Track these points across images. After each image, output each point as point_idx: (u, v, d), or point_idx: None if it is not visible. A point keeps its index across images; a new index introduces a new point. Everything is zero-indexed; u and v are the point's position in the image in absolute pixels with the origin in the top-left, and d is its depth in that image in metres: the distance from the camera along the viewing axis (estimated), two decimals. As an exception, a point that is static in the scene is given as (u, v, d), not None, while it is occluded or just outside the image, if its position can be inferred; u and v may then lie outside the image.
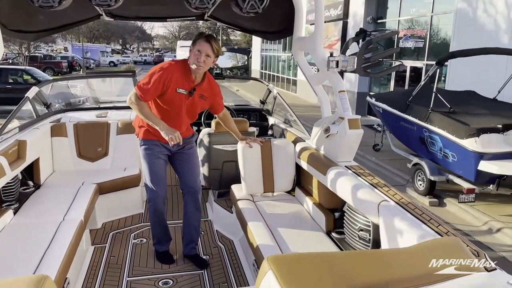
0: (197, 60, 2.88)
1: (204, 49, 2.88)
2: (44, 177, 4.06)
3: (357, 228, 2.79)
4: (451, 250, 1.61)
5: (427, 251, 1.59)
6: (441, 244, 1.71)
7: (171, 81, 2.92)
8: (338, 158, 3.24)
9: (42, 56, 32.83)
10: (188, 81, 3.01)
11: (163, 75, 2.90)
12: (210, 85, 3.18)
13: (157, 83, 2.89)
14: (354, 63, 3.06)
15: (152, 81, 2.89)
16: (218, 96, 3.31)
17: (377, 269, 1.44)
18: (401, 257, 1.56)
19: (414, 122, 7.21)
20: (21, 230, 3.03)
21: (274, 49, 25.87)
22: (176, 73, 2.95)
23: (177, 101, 3.02)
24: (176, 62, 3.05)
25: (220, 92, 3.33)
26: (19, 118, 4.32)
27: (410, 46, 12.91)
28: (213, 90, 3.22)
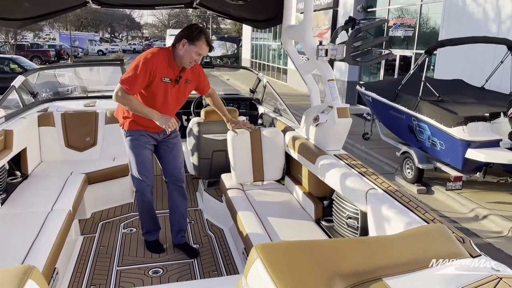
0: (194, 60, 2.93)
1: (204, 52, 2.92)
2: (31, 167, 4.02)
3: (346, 216, 2.82)
4: (437, 237, 1.63)
5: (414, 238, 1.61)
6: (427, 231, 1.73)
7: (156, 70, 2.86)
8: (327, 147, 3.25)
9: (29, 45, 32.30)
10: (173, 69, 2.97)
11: (148, 65, 2.81)
12: (192, 67, 3.10)
13: (144, 75, 2.81)
14: (343, 52, 3.06)
15: (138, 73, 2.80)
16: (201, 76, 3.27)
17: (364, 256, 1.46)
18: (387, 244, 1.58)
19: (403, 110, 7.26)
20: (9, 220, 3.00)
21: (265, 38, 25.73)
22: (160, 63, 2.87)
23: (163, 90, 2.98)
24: (159, 50, 2.94)
25: (203, 71, 3.31)
26: (5, 107, 4.26)
27: (399, 35, 12.93)
28: (196, 71, 3.19)
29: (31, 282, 1.30)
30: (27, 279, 1.29)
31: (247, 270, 1.44)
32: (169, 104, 3.11)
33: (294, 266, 1.36)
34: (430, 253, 1.47)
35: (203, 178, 4.42)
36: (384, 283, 1.34)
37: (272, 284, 1.27)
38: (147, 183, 3.20)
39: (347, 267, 1.37)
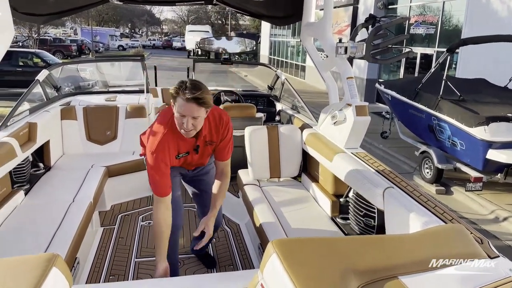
0: (183, 126, 2.21)
1: (188, 111, 2.15)
2: (54, 160, 4.12)
3: (362, 214, 2.81)
4: (455, 237, 1.63)
5: (431, 237, 1.61)
6: (445, 230, 1.73)
7: (169, 157, 2.36)
8: (345, 144, 3.25)
9: (51, 39, 32.89)
10: (185, 145, 2.43)
11: (158, 158, 2.30)
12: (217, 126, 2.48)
13: (163, 170, 2.33)
14: (362, 50, 3.05)
15: (156, 173, 2.31)
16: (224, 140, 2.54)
17: (380, 254, 1.46)
18: (404, 242, 1.58)
19: (423, 109, 7.16)
20: (32, 210, 3.09)
21: (283, 34, 25.65)
22: (169, 148, 2.34)
23: (184, 160, 2.55)
24: (163, 134, 2.33)
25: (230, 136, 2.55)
26: (30, 100, 4.37)
27: (421, 32, 12.73)
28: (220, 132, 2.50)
29: (55, 270, 1.34)
30: (52, 267, 1.34)
31: (263, 265, 1.46)
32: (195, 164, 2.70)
33: (310, 262, 1.37)
34: (448, 253, 1.47)
35: (220, 173, 4.46)
36: (400, 281, 1.34)
37: (288, 279, 1.28)
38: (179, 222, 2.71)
39: (363, 264, 1.38)
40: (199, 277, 2.17)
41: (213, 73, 18.82)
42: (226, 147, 2.56)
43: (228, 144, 2.55)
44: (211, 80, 10.52)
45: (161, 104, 7.29)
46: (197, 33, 38.35)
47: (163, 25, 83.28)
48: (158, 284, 2.06)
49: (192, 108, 2.13)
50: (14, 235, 2.74)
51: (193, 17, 65.33)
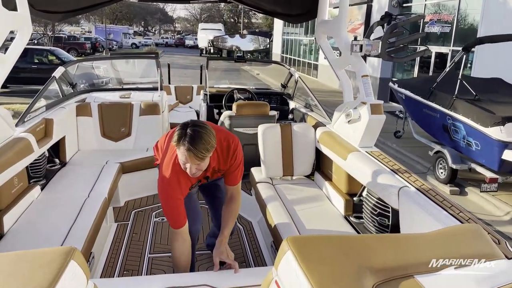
0: (187, 169, 2.17)
1: (189, 161, 2.09)
2: (69, 155, 4.17)
3: (376, 213, 2.80)
4: (471, 237, 1.61)
5: (447, 237, 1.59)
6: (461, 230, 1.71)
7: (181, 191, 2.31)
8: (359, 143, 3.23)
9: (66, 37, 33.26)
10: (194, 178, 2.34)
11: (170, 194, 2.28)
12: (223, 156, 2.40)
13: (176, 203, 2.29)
14: (378, 48, 3.03)
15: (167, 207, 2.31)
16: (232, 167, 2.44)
17: (396, 252, 1.45)
18: (420, 241, 1.57)
19: (437, 109, 7.08)
20: (48, 205, 3.14)
21: (296, 32, 25.58)
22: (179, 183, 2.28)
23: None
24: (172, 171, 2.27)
25: (238, 163, 2.45)
26: (46, 97, 4.43)
27: (436, 31, 12.58)
28: (228, 161, 2.41)
29: (73, 263, 1.36)
30: (70, 260, 1.35)
31: (277, 262, 1.46)
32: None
33: (325, 259, 1.37)
34: (464, 253, 1.45)
35: (233, 171, 4.47)
36: (415, 280, 1.33)
37: (303, 276, 1.28)
38: (197, 227, 2.69)
39: (378, 263, 1.37)
40: (213, 274, 2.17)
41: (226, 71, 18.83)
42: (236, 172, 2.46)
43: (237, 169, 2.45)
44: (224, 78, 10.59)
45: (174, 102, 7.34)
46: (210, 31, 38.46)
47: (176, 23, 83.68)
48: (173, 279, 2.08)
49: (193, 159, 2.07)
50: (31, 229, 2.78)
51: (206, 15, 65.51)
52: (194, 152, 2.03)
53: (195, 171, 2.16)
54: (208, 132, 2.08)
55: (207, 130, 2.08)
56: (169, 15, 78.77)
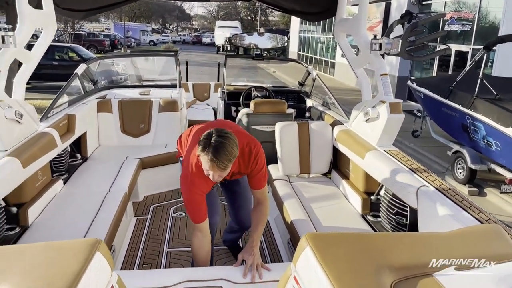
0: (210, 176, 2.21)
1: (213, 170, 2.14)
2: (90, 151, 4.26)
3: (394, 212, 2.79)
4: (492, 237, 1.60)
5: (467, 237, 1.59)
6: (481, 230, 1.70)
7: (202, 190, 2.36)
8: (377, 142, 3.22)
9: (85, 34, 33.72)
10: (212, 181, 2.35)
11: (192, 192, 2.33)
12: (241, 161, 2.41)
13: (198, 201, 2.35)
14: (398, 46, 3.01)
15: (190, 204, 2.36)
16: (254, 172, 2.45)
17: (415, 251, 1.46)
18: (440, 240, 1.57)
19: (456, 108, 6.98)
20: (70, 199, 3.22)
21: (313, 30, 25.44)
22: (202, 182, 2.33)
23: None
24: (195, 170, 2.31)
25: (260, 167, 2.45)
26: (68, 93, 4.53)
27: (456, 29, 12.38)
28: (249, 166, 2.43)
29: (98, 254, 1.40)
30: (96, 251, 1.39)
31: (296, 258, 1.48)
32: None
33: (344, 256, 1.38)
34: (484, 253, 1.45)
35: (250, 168, 4.50)
36: (434, 279, 1.34)
37: (322, 272, 1.30)
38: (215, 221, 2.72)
39: (397, 261, 1.38)
40: (230, 269, 2.21)
41: (243, 69, 18.83)
42: (259, 176, 2.46)
43: (260, 172, 2.45)
44: (241, 76, 10.60)
45: (192, 99, 7.40)
46: (227, 29, 38.53)
47: (193, 20, 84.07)
48: (192, 273, 2.12)
49: (216, 168, 2.11)
50: (54, 222, 2.86)
51: (223, 13, 65.64)
52: (217, 164, 2.08)
53: (217, 178, 2.21)
54: (231, 142, 2.12)
55: (230, 140, 2.12)
56: (186, 12, 79.22)
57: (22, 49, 3.00)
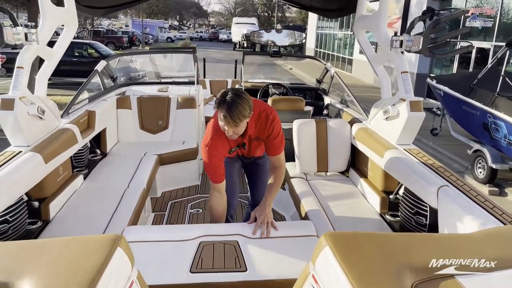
0: (226, 131, 2.42)
1: (226, 125, 2.34)
2: (110, 146, 4.31)
3: (413, 212, 2.76)
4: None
5: (490, 238, 1.56)
6: (504, 232, 1.67)
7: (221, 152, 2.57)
8: (396, 140, 3.18)
9: (104, 31, 34.15)
10: (234, 142, 2.61)
11: (211, 154, 2.52)
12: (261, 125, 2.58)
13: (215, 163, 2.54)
14: (419, 43, 2.96)
15: (209, 166, 2.56)
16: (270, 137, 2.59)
17: (436, 252, 1.44)
18: (461, 242, 1.54)
19: (477, 106, 6.85)
20: (91, 194, 3.27)
21: (330, 26, 25.24)
22: (220, 145, 2.54)
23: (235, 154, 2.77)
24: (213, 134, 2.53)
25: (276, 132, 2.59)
26: (88, 89, 4.59)
27: (477, 25, 12.13)
28: (265, 130, 2.58)
29: (119, 250, 1.42)
30: (117, 247, 1.41)
31: (315, 256, 1.47)
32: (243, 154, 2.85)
33: (364, 256, 1.37)
34: (508, 255, 1.42)
35: (267, 165, 4.50)
36: (456, 281, 1.32)
37: (341, 271, 1.29)
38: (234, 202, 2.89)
39: (418, 262, 1.36)
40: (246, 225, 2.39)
41: (260, 66, 18.81)
42: (276, 142, 2.60)
43: (276, 138, 2.59)
44: (258, 72, 10.56)
45: (209, 96, 7.42)
46: (244, 25, 38.51)
47: (210, 17, 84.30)
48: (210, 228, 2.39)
49: (229, 124, 2.32)
50: (75, 217, 2.91)
51: (240, 9, 65.59)
52: (229, 120, 2.29)
53: (231, 133, 2.40)
54: (244, 102, 2.30)
55: (244, 100, 2.31)
56: (203, 9, 79.56)
57: (45, 46, 3.05)
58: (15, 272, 1.25)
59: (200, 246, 2.25)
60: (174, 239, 2.30)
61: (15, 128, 2.76)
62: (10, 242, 1.47)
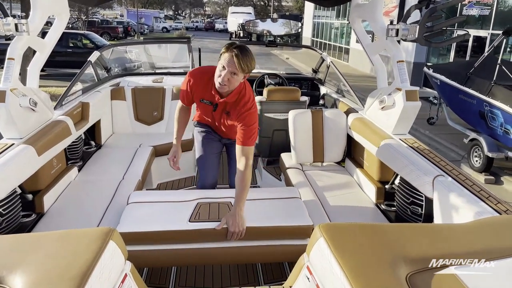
0: (220, 77, 2.41)
1: (230, 65, 2.35)
2: (104, 138, 4.28)
3: (409, 202, 2.76)
4: (510, 228, 1.57)
5: (485, 228, 1.56)
6: (500, 221, 1.67)
7: (194, 91, 2.69)
8: (392, 130, 3.17)
9: (99, 21, 33.83)
10: (209, 94, 2.63)
11: (188, 82, 2.68)
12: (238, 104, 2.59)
13: (185, 90, 2.73)
14: (415, 32, 2.93)
15: (183, 86, 2.75)
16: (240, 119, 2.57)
17: (431, 242, 1.43)
18: (457, 232, 1.54)
19: (474, 95, 6.85)
20: (85, 186, 3.24)
21: (327, 16, 25.10)
22: (199, 84, 2.65)
23: (206, 110, 2.79)
24: (203, 71, 2.68)
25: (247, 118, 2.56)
26: (82, 81, 4.53)
27: (474, 14, 12.08)
28: (238, 110, 2.59)
29: (112, 243, 1.41)
30: (109, 240, 1.40)
31: (309, 248, 1.47)
32: (217, 126, 2.89)
33: (358, 247, 1.37)
34: (503, 244, 1.42)
35: (262, 156, 4.48)
36: (451, 271, 1.31)
37: (336, 263, 1.29)
38: (209, 178, 2.96)
39: (413, 252, 1.36)
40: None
41: (256, 55, 18.68)
42: (245, 131, 2.53)
43: (247, 128, 2.53)
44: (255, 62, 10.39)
45: None
46: (240, 15, 38.25)
47: (206, 7, 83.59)
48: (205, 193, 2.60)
49: (234, 65, 2.34)
50: (69, 209, 2.89)
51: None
52: (238, 60, 2.33)
53: (226, 81, 2.40)
54: (252, 56, 2.41)
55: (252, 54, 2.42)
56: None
57: (36, 37, 3.01)
58: (7, 266, 1.24)
59: (197, 205, 2.52)
60: (174, 201, 2.60)
61: (7, 120, 2.73)
62: (3, 236, 1.45)
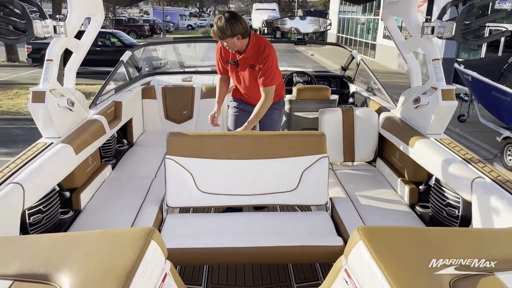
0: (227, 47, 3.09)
1: (221, 42, 3.08)
2: (136, 136, 4.36)
3: (445, 204, 2.70)
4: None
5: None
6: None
7: (220, 55, 3.26)
8: (427, 130, 3.11)
9: (126, 20, 34.39)
10: (232, 55, 3.18)
11: (217, 52, 3.28)
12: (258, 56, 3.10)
13: (217, 59, 3.30)
14: (452, 29, 2.85)
15: (216, 58, 3.32)
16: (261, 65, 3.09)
17: (474, 247, 1.40)
18: (501, 237, 1.50)
19: (508, 92, 6.65)
20: (119, 184, 3.31)
21: (353, 11, 24.76)
22: (224, 50, 3.20)
23: (233, 71, 3.28)
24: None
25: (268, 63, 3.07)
26: (114, 80, 4.62)
27: (507, 7, 11.69)
28: (259, 58, 3.09)
29: (153, 243, 1.43)
30: (151, 240, 1.42)
31: (347, 251, 1.46)
32: (243, 86, 3.31)
33: (399, 251, 1.35)
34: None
35: (292, 155, 4.46)
36: (496, 277, 1.28)
37: (377, 267, 1.27)
38: None
39: (456, 257, 1.33)
40: None
41: (282, 52, 18.62)
42: (266, 73, 3.05)
43: (267, 71, 3.05)
44: (281, 60, 10.40)
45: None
46: (264, 11, 38.08)
47: (230, 3, 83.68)
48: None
49: (221, 41, 3.00)
50: (105, 206, 2.95)
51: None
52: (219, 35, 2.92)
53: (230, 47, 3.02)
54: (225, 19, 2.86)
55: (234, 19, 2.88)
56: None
57: (72, 38, 3.08)
58: (52, 265, 1.27)
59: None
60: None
61: (46, 120, 2.81)
62: (46, 235, 1.50)
